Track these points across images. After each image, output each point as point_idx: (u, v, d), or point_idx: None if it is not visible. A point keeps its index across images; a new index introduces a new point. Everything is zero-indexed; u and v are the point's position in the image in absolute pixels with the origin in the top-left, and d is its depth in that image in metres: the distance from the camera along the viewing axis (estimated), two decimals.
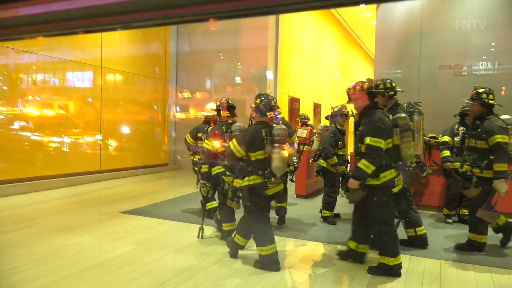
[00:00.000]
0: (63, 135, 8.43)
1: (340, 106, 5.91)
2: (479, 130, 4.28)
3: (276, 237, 4.75)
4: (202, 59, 11.28)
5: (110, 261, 3.89)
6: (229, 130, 4.52)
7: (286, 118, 10.66)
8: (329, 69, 15.58)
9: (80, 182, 8.47)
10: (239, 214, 4.35)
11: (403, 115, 3.76)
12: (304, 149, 6.30)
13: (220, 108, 4.86)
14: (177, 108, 11.75)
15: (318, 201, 6.48)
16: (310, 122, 9.59)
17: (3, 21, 1.34)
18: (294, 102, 12.25)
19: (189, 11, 1.06)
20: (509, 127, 4.29)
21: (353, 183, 3.61)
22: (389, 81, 4.34)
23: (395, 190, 3.74)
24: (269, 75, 10.30)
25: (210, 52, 11.15)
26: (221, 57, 11.07)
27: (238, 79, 10.75)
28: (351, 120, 5.50)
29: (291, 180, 6.21)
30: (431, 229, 5.34)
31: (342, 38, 16.60)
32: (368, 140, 3.56)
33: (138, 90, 10.91)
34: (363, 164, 3.56)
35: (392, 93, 4.27)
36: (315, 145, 5.93)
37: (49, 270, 3.61)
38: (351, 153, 5.66)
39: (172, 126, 11.67)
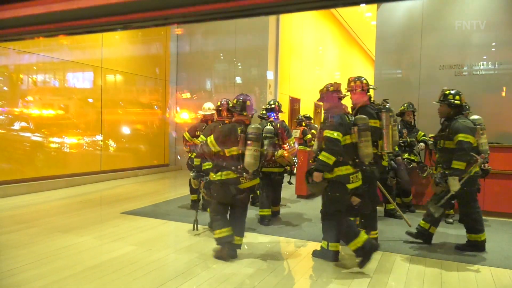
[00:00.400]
0: (64, 136, 8.44)
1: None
2: (447, 130, 4.37)
3: (276, 238, 4.78)
4: (202, 60, 11.28)
5: (111, 262, 3.89)
6: None
7: (287, 119, 10.68)
8: (330, 70, 15.58)
9: (81, 183, 8.47)
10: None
11: (364, 116, 3.97)
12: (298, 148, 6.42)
13: (221, 108, 5.05)
14: (178, 108, 11.76)
15: (318, 201, 6.43)
16: (313, 122, 9.61)
17: (3, 22, 1.34)
18: (294, 103, 12.25)
19: (190, 11, 1.06)
20: (477, 126, 4.34)
21: (317, 176, 3.75)
22: (363, 78, 4.46)
23: (350, 186, 3.81)
24: (270, 75, 10.30)
25: (210, 52, 11.15)
26: (222, 58, 11.08)
27: (238, 80, 10.74)
28: None
29: (289, 182, 6.24)
30: None
31: (342, 39, 16.61)
32: (325, 132, 3.77)
33: (138, 91, 10.92)
34: (323, 155, 3.73)
35: (359, 90, 4.38)
36: (315, 146, 5.95)
37: (50, 271, 3.61)
38: None
39: (172, 126, 11.68)
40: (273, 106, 5.83)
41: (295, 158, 5.22)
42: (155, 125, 11.35)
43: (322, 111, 14.21)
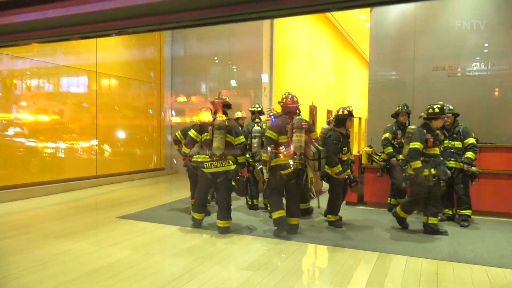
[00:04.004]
0: (58, 141, 8.41)
1: (349, 109, 5.50)
2: None
3: (276, 239, 4.79)
4: (197, 63, 11.29)
5: (108, 267, 3.88)
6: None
7: None
8: (324, 72, 15.63)
9: (76, 188, 8.44)
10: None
11: (220, 119, 4.95)
12: None
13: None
14: (173, 112, 11.75)
15: (321, 201, 6.34)
16: None
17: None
18: None
19: (184, 17, 1.08)
20: (289, 125, 4.89)
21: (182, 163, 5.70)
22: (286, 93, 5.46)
23: (206, 170, 4.96)
24: (264, 78, 10.33)
25: (205, 56, 11.16)
26: (216, 61, 11.09)
27: (233, 83, 10.76)
28: (355, 121, 5.64)
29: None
30: None
31: (336, 41, 16.67)
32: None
33: (133, 95, 10.90)
34: (183, 148, 5.26)
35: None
36: None
37: (47, 276, 3.60)
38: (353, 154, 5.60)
39: (168, 130, 11.67)
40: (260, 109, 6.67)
41: (291, 161, 5.14)
42: (150, 129, 11.34)
43: (318, 115, 14.21)
